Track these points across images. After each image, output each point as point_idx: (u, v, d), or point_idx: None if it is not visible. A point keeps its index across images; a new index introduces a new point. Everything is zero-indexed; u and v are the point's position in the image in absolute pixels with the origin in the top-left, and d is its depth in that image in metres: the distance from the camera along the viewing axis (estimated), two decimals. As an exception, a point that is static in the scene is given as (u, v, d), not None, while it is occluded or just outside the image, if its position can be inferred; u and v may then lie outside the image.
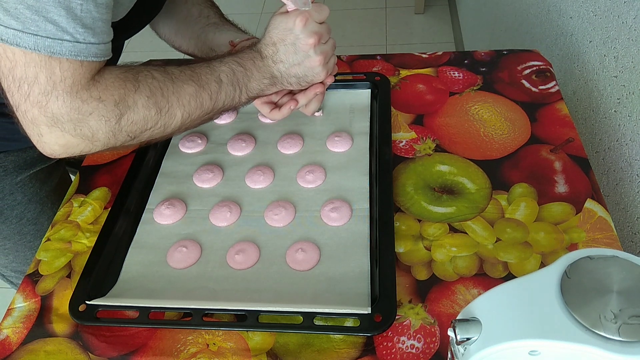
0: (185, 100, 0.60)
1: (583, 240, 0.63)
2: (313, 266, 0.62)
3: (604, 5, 0.79)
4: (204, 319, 0.58)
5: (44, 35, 0.49)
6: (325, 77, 0.69)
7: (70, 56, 0.51)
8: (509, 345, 0.38)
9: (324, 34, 0.67)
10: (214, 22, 0.80)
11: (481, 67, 0.86)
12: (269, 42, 0.66)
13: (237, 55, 0.66)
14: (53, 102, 0.52)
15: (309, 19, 0.64)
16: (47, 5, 0.48)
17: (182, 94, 0.60)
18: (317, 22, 0.65)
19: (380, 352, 0.56)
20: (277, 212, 0.68)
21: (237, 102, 0.66)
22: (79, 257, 0.68)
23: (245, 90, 0.65)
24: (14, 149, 0.76)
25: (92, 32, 0.52)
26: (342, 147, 0.75)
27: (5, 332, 0.61)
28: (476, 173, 0.71)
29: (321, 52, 0.66)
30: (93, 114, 0.54)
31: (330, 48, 0.68)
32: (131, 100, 0.56)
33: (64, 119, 0.53)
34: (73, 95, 0.53)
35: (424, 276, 0.62)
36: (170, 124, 0.60)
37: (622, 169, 0.76)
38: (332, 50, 0.69)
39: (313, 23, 0.65)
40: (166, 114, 0.59)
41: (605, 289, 0.37)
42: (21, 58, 0.50)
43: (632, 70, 0.72)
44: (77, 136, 0.55)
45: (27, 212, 0.81)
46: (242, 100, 0.66)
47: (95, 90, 0.54)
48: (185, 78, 0.61)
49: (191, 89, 0.60)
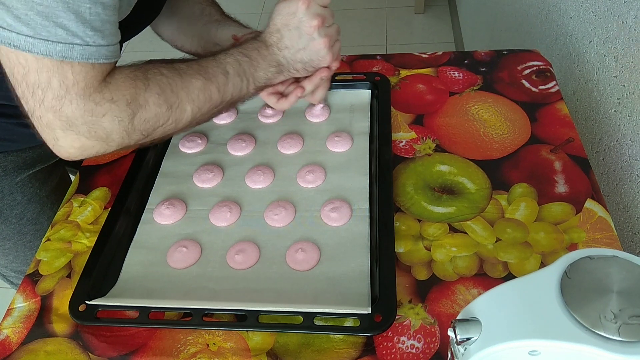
0: (194, 94, 0.61)
1: (583, 240, 0.63)
2: (313, 266, 0.62)
3: (604, 5, 0.79)
4: (204, 319, 0.58)
5: (54, 40, 0.50)
6: (331, 61, 0.69)
7: (82, 59, 0.51)
8: (509, 345, 0.38)
9: (328, 17, 0.67)
10: (215, 19, 0.80)
11: (481, 67, 0.86)
12: (273, 29, 0.66)
13: (242, 46, 0.66)
14: (67, 106, 0.53)
15: (312, 2, 0.65)
16: (57, 11, 0.49)
17: (190, 89, 0.60)
18: (320, 5, 0.66)
19: (380, 352, 0.56)
20: (277, 212, 0.68)
21: (245, 92, 0.66)
22: (79, 257, 0.68)
23: (252, 80, 0.66)
24: (13, 149, 0.76)
25: (101, 34, 0.52)
26: (342, 147, 0.75)
27: (5, 332, 0.61)
28: (476, 173, 0.71)
29: (325, 34, 0.67)
30: (106, 116, 0.55)
31: (334, 32, 0.69)
32: (142, 98, 0.57)
33: (78, 122, 0.54)
34: (86, 98, 0.53)
35: (424, 276, 0.62)
36: (181, 119, 0.61)
37: (622, 169, 0.76)
38: (337, 35, 0.70)
39: (316, 6, 0.65)
40: (177, 109, 0.60)
41: (605, 289, 0.37)
42: (33, 64, 0.50)
43: (632, 70, 0.72)
44: (92, 138, 0.55)
45: (27, 212, 0.81)
46: (250, 90, 0.66)
47: (107, 92, 0.55)
48: (192, 72, 0.61)
49: (199, 83, 0.61)
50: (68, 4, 0.49)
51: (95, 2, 0.50)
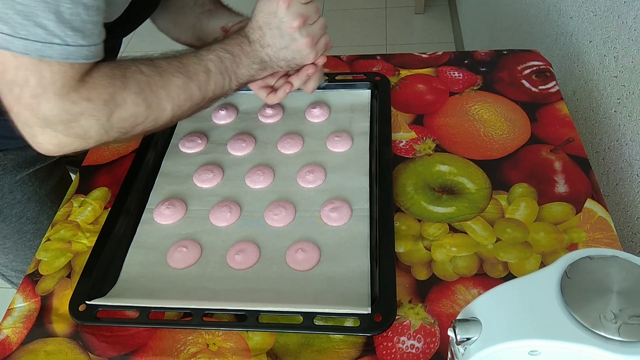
0: (174, 93, 0.60)
1: (583, 240, 0.63)
2: (313, 266, 0.62)
3: (604, 5, 0.79)
4: (204, 319, 0.58)
5: (33, 40, 0.49)
6: (314, 58, 0.67)
7: (60, 59, 0.51)
8: (509, 345, 0.38)
9: (311, 14, 0.65)
10: (208, 9, 0.79)
11: (481, 67, 0.86)
12: (255, 26, 0.65)
13: (225, 42, 0.65)
14: (44, 105, 0.52)
15: (293, 0, 0.63)
16: (36, 10, 0.49)
17: (170, 87, 0.60)
18: (302, 3, 0.64)
19: (380, 352, 0.56)
20: (277, 212, 0.68)
21: (227, 89, 0.65)
22: (79, 257, 0.68)
23: (234, 77, 0.65)
24: (13, 148, 0.76)
25: (82, 34, 0.52)
26: (342, 147, 0.75)
27: (5, 332, 0.61)
28: (476, 173, 0.71)
29: (308, 34, 0.65)
30: (83, 114, 0.54)
31: (318, 28, 0.66)
32: (120, 98, 0.56)
33: (55, 120, 0.54)
34: (63, 97, 0.53)
35: (424, 276, 0.62)
36: (161, 117, 0.60)
37: (622, 169, 0.76)
38: (322, 30, 0.67)
39: (297, 4, 0.63)
40: (156, 108, 0.59)
41: (605, 289, 0.37)
42: (12, 62, 0.50)
43: (632, 70, 0.72)
44: (70, 136, 0.55)
45: (27, 210, 0.81)
46: (232, 87, 0.66)
47: (85, 91, 0.54)
48: (172, 70, 0.60)
49: (179, 82, 0.60)
50: (48, 4, 0.49)
51: (76, 2, 0.50)
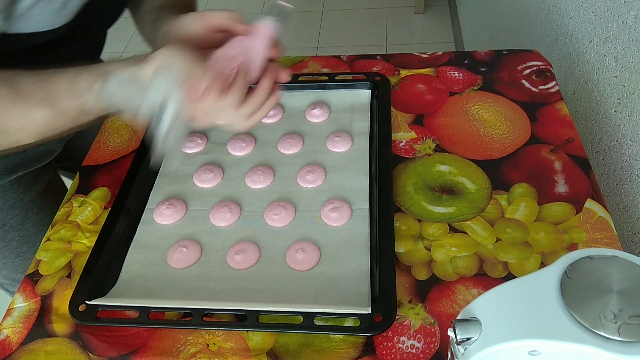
0: (35, 124, 0.53)
1: (583, 240, 0.63)
2: (313, 266, 0.62)
3: (604, 5, 0.79)
4: (204, 319, 0.58)
5: None
6: (244, 125, 0.59)
7: None
8: (509, 345, 0.38)
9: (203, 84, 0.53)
10: (160, 14, 0.68)
11: (481, 67, 0.86)
12: (152, 66, 0.52)
13: (117, 69, 0.53)
14: None
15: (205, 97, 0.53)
16: None
17: (32, 119, 0.52)
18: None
19: (380, 352, 0.56)
20: (277, 212, 0.68)
21: (107, 115, 0.56)
22: (79, 257, 0.68)
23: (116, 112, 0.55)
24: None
25: None
26: (342, 147, 0.75)
27: (5, 332, 0.61)
28: (476, 173, 0.71)
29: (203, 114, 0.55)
30: None
31: (211, 103, 0.55)
32: None
33: None
34: None
35: (424, 276, 0.62)
36: (15, 143, 0.55)
37: (622, 169, 0.76)
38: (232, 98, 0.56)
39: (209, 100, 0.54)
40: (10, 136, 0.53)
41: (605, 289, 0.37)
42: None
43: (632, 70, 0.72)
44: None
45: (10, 218, 0.80)
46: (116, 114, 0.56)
47: None
48: (36, 101, 0.52)
49: (42, 115, 0.52)
50: None
51: None
